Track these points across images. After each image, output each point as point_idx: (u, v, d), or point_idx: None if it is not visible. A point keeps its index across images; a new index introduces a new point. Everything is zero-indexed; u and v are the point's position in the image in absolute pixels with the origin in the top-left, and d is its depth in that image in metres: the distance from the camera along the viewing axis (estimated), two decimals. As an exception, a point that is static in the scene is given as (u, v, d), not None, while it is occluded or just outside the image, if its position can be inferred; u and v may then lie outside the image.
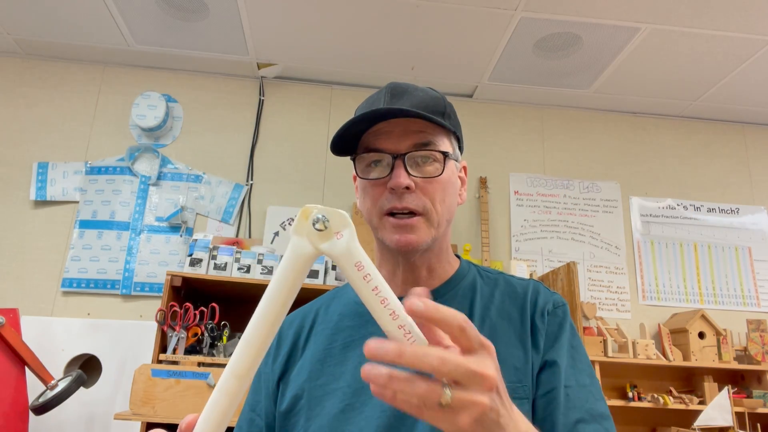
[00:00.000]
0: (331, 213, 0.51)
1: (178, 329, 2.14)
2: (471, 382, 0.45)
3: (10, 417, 2.02)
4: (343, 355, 0.76)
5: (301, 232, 0.51)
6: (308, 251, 0.51)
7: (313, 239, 0.50)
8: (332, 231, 0.50)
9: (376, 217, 0.76)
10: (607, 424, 0.69)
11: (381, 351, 0.44)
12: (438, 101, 0.78)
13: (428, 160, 0.75)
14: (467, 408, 0.45)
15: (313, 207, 0.51)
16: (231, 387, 0.52)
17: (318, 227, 0.50)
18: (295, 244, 0.51)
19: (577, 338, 0.76)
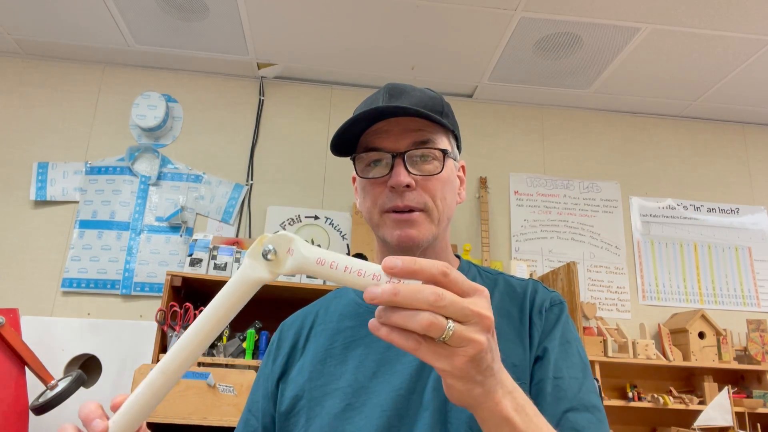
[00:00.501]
0: (276, 239, 0.53)
1: (178, 329, 2.14)
2: (469, 319, 0.45)
3: (10, 417, 2.02)
4: (343, 356, 0.76)
5: (256, 258, 0.53)
6: (260, 276, 0.53)
7: (270, 268, 0.53)
8: (282, 254, 0.52)
9: (377, 215, 0.77)
10: (600, 415, 0.68)
11: (377, 291, 0.44)
12: (436, 101, 0.79)
13: (428, 158, 0.75)
14: (465, 345, 0.45)
15: (264, 238, 0.53)
16: (156, 382, 0.54)
17: (269, 258, 0.52)
18: (249, 266, 0.54)
19: (571, 333, 0.75)
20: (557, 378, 0.69)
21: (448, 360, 0.45)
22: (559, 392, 0.68)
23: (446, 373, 0.46)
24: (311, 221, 2.82)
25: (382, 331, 0.45)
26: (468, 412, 0.66)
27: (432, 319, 0.43)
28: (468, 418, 0.66)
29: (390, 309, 0.44)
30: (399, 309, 0.44)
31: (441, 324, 0.43)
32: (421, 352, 0.45)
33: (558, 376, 0.70)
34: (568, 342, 0.74)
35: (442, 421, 0.67)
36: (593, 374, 2.45)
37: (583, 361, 0.73)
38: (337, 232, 2.82)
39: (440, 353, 0.45)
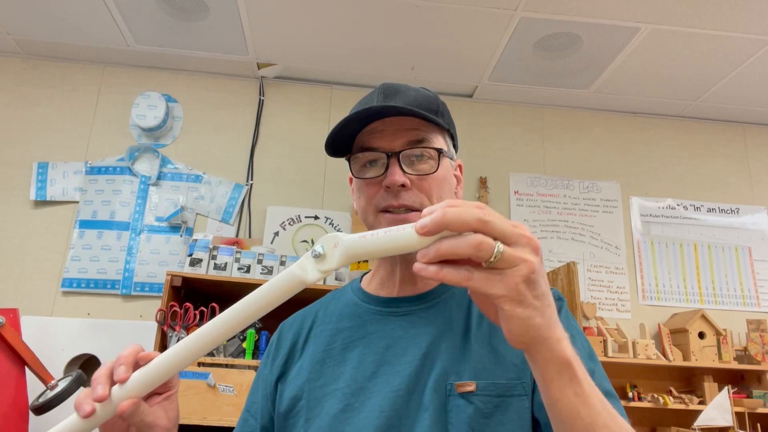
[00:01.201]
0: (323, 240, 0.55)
1: (178, 329, 2.14)
2: (517, 241, 0.45)
3: (10, 417, 2.02)
4: (342, 356, 0.76)
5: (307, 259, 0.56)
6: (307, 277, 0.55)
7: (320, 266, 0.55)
8: (330, 249, 0.54)
9: (372, 215, 0.77)
10: (616, 402, 0.67)
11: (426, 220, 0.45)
12: (431, 100, 0.78)
13: (423, 157, 0.75)
14: (517, 264, 0.45)
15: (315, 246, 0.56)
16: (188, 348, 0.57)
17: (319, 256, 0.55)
18: (299, 265, 0.55)
19: (574, 327, 0.75)
20: None
21: (502, 282, 0.45)
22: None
23: (503, 298, 0.45)
24: (311, 221, 2.82)
25: (431, 269, 0.45)
26: (468, 412, 0.66)
27: (480, 238, 0.44)
28: (469, 417, 0.66)
29: (434, 244, 0.45)
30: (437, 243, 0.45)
31: (490, 243, 0.44)
32: (474, 281, 0.45)
33: None
34: (573, 336, 0.73)
35: (443, 422, 0.67)
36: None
37: (590, 351, 0.73)
38: (337, 232, 2.81)
39: (493, 278, 0.45)
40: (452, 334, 0.73)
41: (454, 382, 0.69)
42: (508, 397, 0.68)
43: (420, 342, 0.73)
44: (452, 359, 0.71)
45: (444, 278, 0.45)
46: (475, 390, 0.68)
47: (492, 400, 0.65)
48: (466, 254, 0.44)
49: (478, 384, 0.68)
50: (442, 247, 0.45)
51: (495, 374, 0.69)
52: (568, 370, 0.51)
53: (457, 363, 0.70)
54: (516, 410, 0.67)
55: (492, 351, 0.71)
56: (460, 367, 0.70)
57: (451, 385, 0.69)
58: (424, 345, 0.72)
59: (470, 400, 0.67)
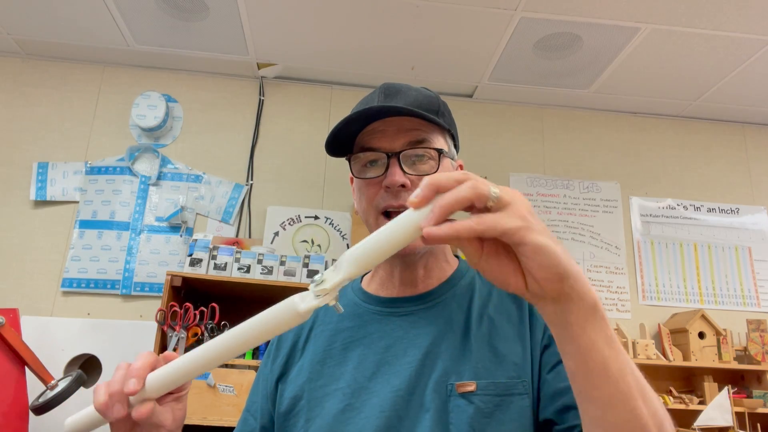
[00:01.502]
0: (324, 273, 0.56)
1: (178, 329, 2.15)
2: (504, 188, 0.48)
3: (10, 417, 2.02)
4: (342, 356, 0.76)
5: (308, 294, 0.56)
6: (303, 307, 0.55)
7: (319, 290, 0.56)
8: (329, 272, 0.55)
9: (372, 217, 0.77)
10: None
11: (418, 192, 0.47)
12: (432, 100, 0.78)
13: (423, 157, 0.75)
14: (514, 198, 0.47)
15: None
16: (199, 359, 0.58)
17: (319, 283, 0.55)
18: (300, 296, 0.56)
19: None
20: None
21: (510, 216, 0.46)
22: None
23: (521, 230, 0.45)
24: (311, 221, 2.82)
25: (444, 228, 0.45)
26: (469, 412, 0.66)
27: (472, 182, 0.46)
28: (469, 417, 0.66)
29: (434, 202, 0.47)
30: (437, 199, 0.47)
31: (484, 183, 0.46)
32: (485, 223, 0.45)
33: None
34: None
35: (444, 422, 0.67)
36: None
37: None
38: (337, 232, 2.82)
39: (501, 215, 0.46)
40: (452, 334, 0.73)
41: (455, 382, 0.69)
42: (509, 396, 0.68)
43: (420, 342, 0.73)
44: (452, 359, 0.71)
45: (458, 231, 0.45)
46: (476, 390, 0.68)
47: (492, 400, 0.65)
48: (468, 198, 0.46)
49: (479, 384, 0.68)
50: (443, 200, 0.46)
51: (495, 374, 0.69)
52: (598, 311, 0.50)
53: (458, 363, 0.70)
54: (517, 409, 0.67)
55: (492, 350, 0.71)
56: (460, 367, 0.70)
57: (451, 385, 0.69)
58: (424, 345, 0.73)
59: (471, 399, 0.67)
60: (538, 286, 0.48)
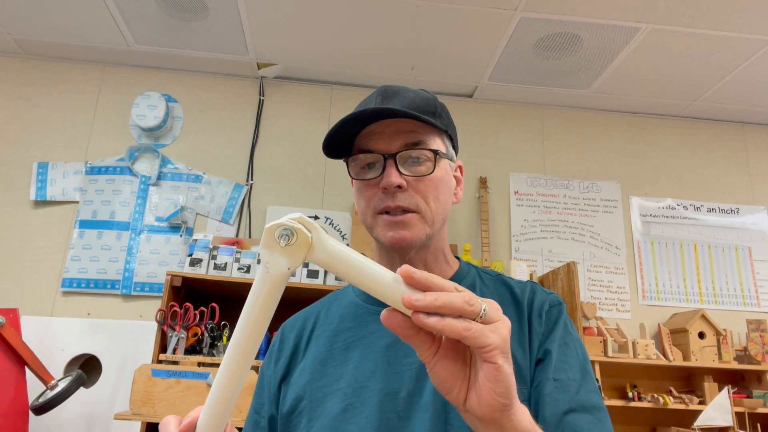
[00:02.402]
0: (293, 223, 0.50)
1: (178, 329, 2.14)
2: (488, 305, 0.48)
3: (10, 417, 2.02)
4: (344, 356, 0.76)
5: (273, 248, 0.50)
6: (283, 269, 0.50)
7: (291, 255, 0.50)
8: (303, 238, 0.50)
9: (370, 217, 0.77)
10: (600, 414, 0.67)
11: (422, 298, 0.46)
12: (429, 101, 0.79)
13: (420, 159, 0.75)
14: (500, 319, 0.48)
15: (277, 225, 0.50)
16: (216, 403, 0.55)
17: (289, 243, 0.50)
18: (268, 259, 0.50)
19: (570, 336, 0.75)
20: (556, 380, 0.69)
21: (495, 333, 0.46)
22: (558, 394, 0.68)
23: (496, 350, 0.46)
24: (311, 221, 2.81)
25: (433, 320, 0.45)
26: None
27: (469, 294, 0.47)
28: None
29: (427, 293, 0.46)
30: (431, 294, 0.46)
31: (477, 299, 0.47)
32: (473, 332, 0.45)
33: (557, 378, 0.69)
34: (566, 344, 0.74)
35: (443, 422, 0.67)
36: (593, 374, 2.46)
37: (583, 362, 0.73)
38: (337, 232, 2.82)
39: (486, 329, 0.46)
40: None
41: None
42: None
43: None
44: None
45: (444, 328, 0.45)
46: None
47: None
48: (460, 309, 0.45)
49: None
50: (438, 300, 0.45)
51: None
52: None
53: None
54: None
55: None
56: None
57: None
58: None
59: None
60: (479, 407, 0.48)
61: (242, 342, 0.54)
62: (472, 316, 0.46)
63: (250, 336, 0.53)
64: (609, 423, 0.68)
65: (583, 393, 0.69)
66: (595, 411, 0.68)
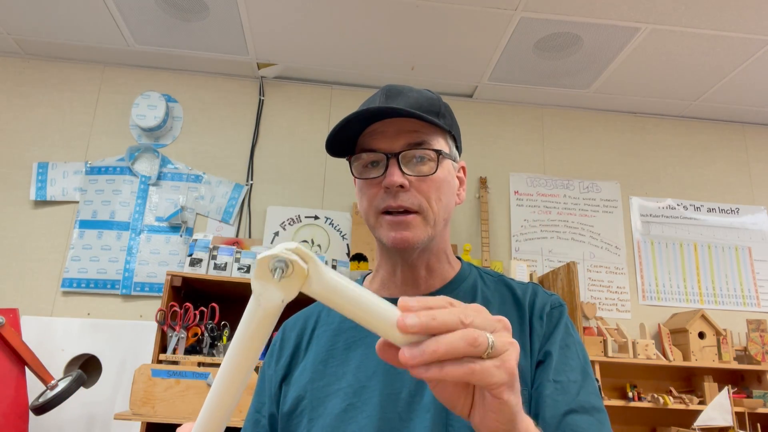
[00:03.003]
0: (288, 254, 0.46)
1: (178, 329, 2.14)
2: (495, 326, 0.45)
3: (10, 417, 2.02)
4: (345, 356, 0.76)
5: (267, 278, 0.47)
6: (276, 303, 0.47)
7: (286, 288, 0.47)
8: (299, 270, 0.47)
9: (373, 216, 0.77)
10: (600, 416, 0.68)
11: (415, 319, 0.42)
12: (433, 102, 0.79)
13: (423, 159, 0.75)
14: (508, 348, 0.44)
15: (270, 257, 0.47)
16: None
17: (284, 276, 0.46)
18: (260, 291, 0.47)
19: (571, 337, 0.75)
20: (557, 381, 0.69)
21: (500, 369, 0.43)
22: (558, 395, 0.68)
23: (503, 387, 0.44)
24: (311, 221, 2.82)
25: (433, 370, 0.42)
26: None
27: (473, 333, 0.42)
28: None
29: (426, 343, 0.42)
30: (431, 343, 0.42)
31: (483, 336, 0.43)
32: (476, 374, 0.42)
33: (557, 380, 0.70)
34: (567, 346, 0.74)
35: (444, 424, 0.67)
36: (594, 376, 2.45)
37: (583, 364, 0.73)
38: (337, 232, 2.82)
39: (491, 367, 0.43)
40: None
41: None
42: None
43: None
44: None
45: (447, 375, 0.42)
46: None
47: None
48: (464, 353, 0.42)
49: None
50: (439, 349, 0.42)
51: None
52: None
53: None
54: None
55: None
56: None
57: None
58: None
59: None
60: (482, 427, 0.48)
61: (231, 373, 0.51)
62: (477, 355, 0.43)
63: (239, 366, 0.51)
64: (608, 424, 0.69)
65: (583, 394, 0.69)
66: (595, 412, 0.68)
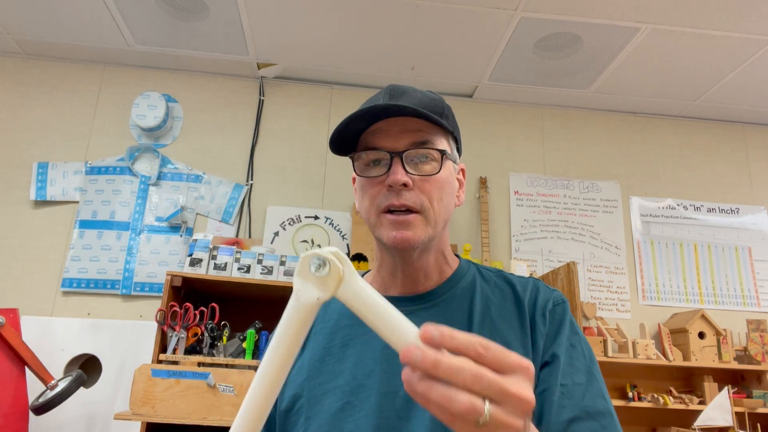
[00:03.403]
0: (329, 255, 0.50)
1: (178, 329, 2.14)
2: (507, 401, 0.43)
3: (10, 417, 2.02)
4: (341, 354, 0.76)
5: (306, 276, 0.51)
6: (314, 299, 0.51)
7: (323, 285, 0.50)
8: (336, 272, 0.50)
9: (374, 215, 0.77)
10: (605, 420, 0.67)
11: (418, 356, 0.42)
12: (436, 102, 0.79)
13: (426, 158, 0.75)
14: (502, 429, 0.43)
15: (312, 255, 0.51)
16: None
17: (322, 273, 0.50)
18: (301, 288, 0.51)
19: (577, 336, 0.75)
20: (563, 385, 0.69)
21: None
22: (563, 400, 0.68)
23: None
24: (311, 221, 2.82)
25: (419, 398, 0.43)
26: None
27: (470, 404, 0.41)
28: None
29: (430, 381, 0.43)
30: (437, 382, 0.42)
31: (479, 409, 0.42)
32: (456, 427, 0.43)
33: (564, 383, 0.69)
34: (573, 346, 0.73)
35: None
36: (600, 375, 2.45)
37: (589, 364, 0.73)
38: (337, 232, 2.82)
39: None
40: None
41: None
42: None
43: None
44: None
45: (428, 409, 0.43)
46: None
47: None
48: (454, 414, 0.42)
49: None
50: (434, 395, 0.42)
51: None
52: None
53: None
54: None
55: None
56: None
57: None
58: None
59: None
60: None
61: (272, 371, 0.53)
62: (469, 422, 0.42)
63: (280, 365, 0.53)
64: (616, 427, 0.67)
65: (588, 398, 0.68)
66: (601, 417, 0.67)
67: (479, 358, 0.43)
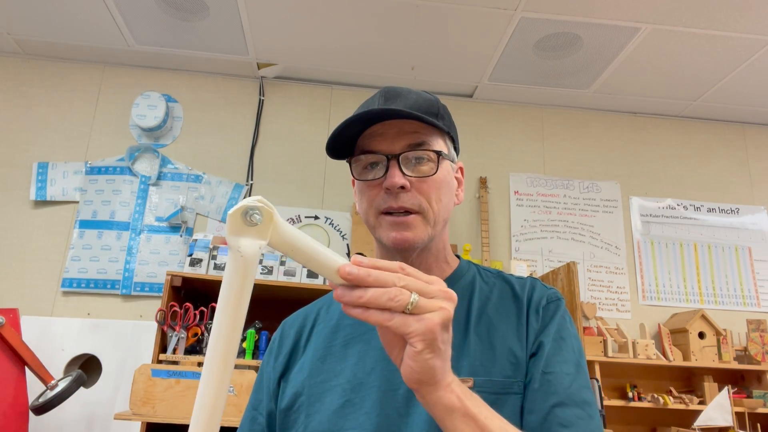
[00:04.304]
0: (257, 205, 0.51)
1: (178, 329, 2.15)
2: (430, 293, 0.52)
3: (10, 417, 2.02)
4: (343, 352, 0.77)
5: (240, 230, 0.51)
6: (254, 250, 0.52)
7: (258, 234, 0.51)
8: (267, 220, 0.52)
9: (373, 217, 0.77)
10: (589, 409, 0.67)
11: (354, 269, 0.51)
12: (431, 103, 0.79)
13: (422, 159, 0.76)
14: (431, 311, 0.51)
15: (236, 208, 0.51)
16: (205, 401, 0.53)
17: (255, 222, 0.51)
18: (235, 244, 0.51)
19: (567, 330, 0.75)
20: (547, 373, 0.69)
21: (419, 323, 0.51)
22: (548, 387, 0.68)
23: (417, 336, 0.51)
24: (311, 221, 2.82)
25: (356, 311, 0.51)
26: None
27: (398, 291, 0.51)
28: None
29: (363, 288, 0.51)
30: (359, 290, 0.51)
31: (405, 296, 0.51)
32: (394, 322, 0.51)
33: (549, 371, 0.69)
34: (563, 338, 0.74)
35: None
36: (593, 374, 2.46)
37: (578, 358, 0.73)
38: (337, 232, 2.82)
39: (410, 320, 0.51)
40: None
41: None
42: (504, 395, 0.68)
43: None
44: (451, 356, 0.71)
45: (368, 319, 0.51)
46: (473, 386, 0.68)
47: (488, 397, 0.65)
48: (384, 306, 0.50)
49: (476, 380, 0.68)
50: (363, 297, 0.51)
51: (492, 371, 0.70)
52: (456, 411, 0.55)
53: (456, 359, 0.70)
54: (511, 408, 0.68)
55: (490, 348, 0.72)
56: (458, 363, 0.70)
57: None
58: None
59: None
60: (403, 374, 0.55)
61: (227, 332, 0.53)
62: (398, 309, 0.50)
63: (233, 325, 0.53)
64: (598, 420, 0.68)
65: (575, 387, 0.69)
66: (586, 406, 0.68)
67: (402, 271, 0.53)
